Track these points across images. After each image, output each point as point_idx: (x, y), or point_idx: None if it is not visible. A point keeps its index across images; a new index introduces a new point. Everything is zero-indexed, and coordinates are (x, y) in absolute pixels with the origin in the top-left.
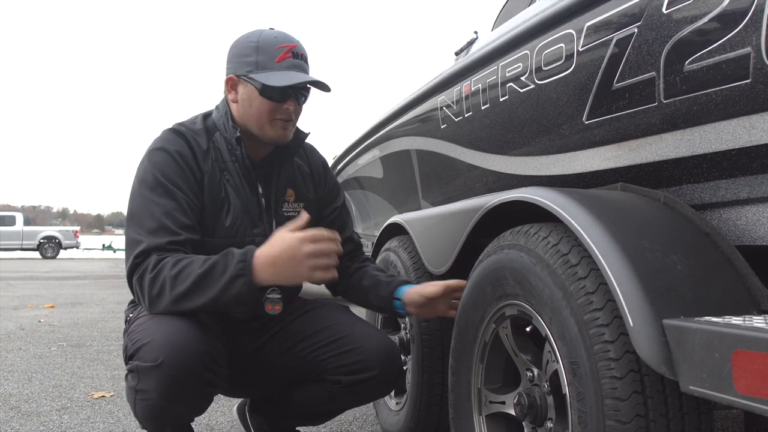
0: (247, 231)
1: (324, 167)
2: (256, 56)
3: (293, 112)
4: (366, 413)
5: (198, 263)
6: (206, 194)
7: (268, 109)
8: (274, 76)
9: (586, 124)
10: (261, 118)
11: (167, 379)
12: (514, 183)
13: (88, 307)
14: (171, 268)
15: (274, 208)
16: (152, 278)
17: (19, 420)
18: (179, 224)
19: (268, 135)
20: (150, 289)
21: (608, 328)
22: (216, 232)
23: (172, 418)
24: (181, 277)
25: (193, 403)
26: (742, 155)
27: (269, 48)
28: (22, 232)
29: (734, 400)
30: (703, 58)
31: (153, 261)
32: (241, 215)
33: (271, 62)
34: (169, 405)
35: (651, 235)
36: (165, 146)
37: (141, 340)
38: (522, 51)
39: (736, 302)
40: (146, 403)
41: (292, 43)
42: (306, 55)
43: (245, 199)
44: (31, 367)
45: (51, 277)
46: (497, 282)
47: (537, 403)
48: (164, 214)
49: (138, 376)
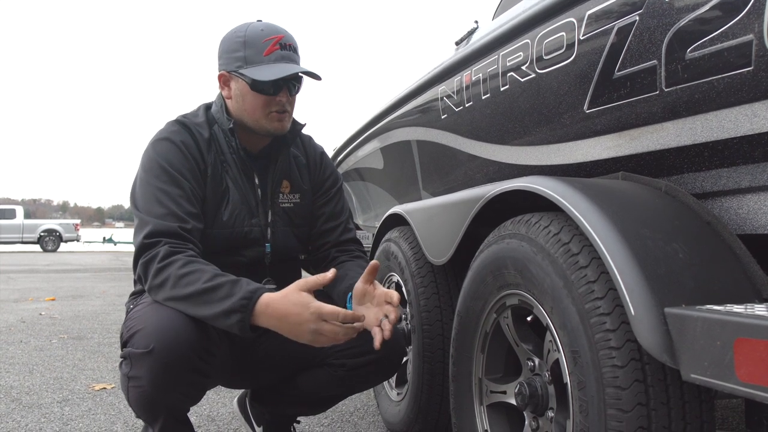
0: (245, 222)
1: (321, 156)
2: (244, 51)
3: (287, 103)
4: (367, 404)
5: (206, 276)
6: (209, 186)
7: (262, 103)
8: (263, 70)
9: (588, 113)
10: (255, 112)
11: (158, 365)
12: (514, 173)
13: (89, 299)
14: (180, 267)
15: (270, 199)
16: (159, 269)
17: (20, 412)
18: (186, 211)
19: (264, 128)
20: (153, 278)
21: (609, 317)
22: (215, 223)
23: (164, 406)
24: (185, 282)
25: (184, 391)
26: (743, 143)
27: (256, 42)
28: (23, 225)
29: (736, 388)
30: (704, 46)
31: (164, 251)
32: (239, 206)
33: (259, 56)
34: (160, 393)
35: (652, 223)
36: (170, 136)
37: (135, 327)
38: (523, 40)
39: (738, 291)
40: (138, 391)
41: (279, 34)
42: (295, 44)
43: (243, 191)
44: (32, 359)
45: (51, 270)
46: (498, 272)
47: (538, 393)
48: (171, 201)
49: (131, 363)
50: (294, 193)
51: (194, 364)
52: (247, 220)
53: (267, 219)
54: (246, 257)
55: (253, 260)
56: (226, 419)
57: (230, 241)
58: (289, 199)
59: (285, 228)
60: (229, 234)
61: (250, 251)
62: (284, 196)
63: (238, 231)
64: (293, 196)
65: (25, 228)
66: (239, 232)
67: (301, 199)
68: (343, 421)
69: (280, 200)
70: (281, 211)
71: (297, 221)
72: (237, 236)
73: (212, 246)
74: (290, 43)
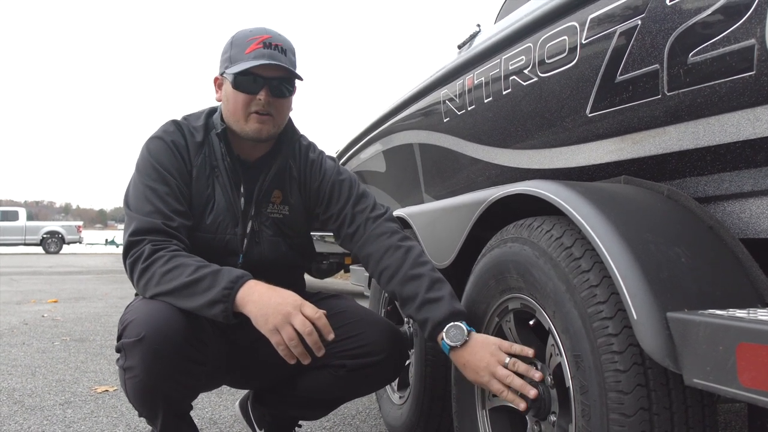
0: (228, 229)
1: (311, 165)
2: (230, 51)
3: (267, 104)
4: (369, 407)
5: (189, 269)
6: (193, 188)
7: (242, 102)
8: (240, 66)
9: (590, 116)
10: (237, 113)
11: (150, 352)
12: (517, 176)
13: (91, 301)
14: (163, 264)
15: (255, 209)
16: (143, 269)
17: (22, 414)
18: (172, 209)
19: (245, 131)
20: (139, 278)
21: (612, 321)
22: (200, 226)
23: (161, 396)
24: (169, 277)
25: (179, 380)
26: (746, 148)
27: (241, 41)
28: (26, 227)
29: (738, 393)
30: (706, 51)
31: (147, 250)
32: (223, 213)
33: (241, 54)
34: (155, 380)
35: (655, 228)
36: (162, 136)
37: (127, 319)
38: (525, 44)
39: (741, 295)
40: (134, 381)
41: (266, 34)
42: (284, 45)
43: (230, 198)
44: (34, 361)
45: (54, 272)
46: (500, 275)
47: (540, 397)
48: (158, 198)
49: (125, 354)
50: (284, 205)
51: (185, 351)
52: (231, 228)
53: (245, 230)
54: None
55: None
56: (228, 422)
57: (212, 246)
58: (279, 210)
59: (275, 238)
60: (211, 239)
61: (227, 260)
62: (274, 207)
63: (221, 238)
64: (283, 207)
65: (27, 230)
66: (221, 239)
67: (290, 212)
68: (345, 424)
69: (269, 210)
70: (269, 220)
71: (288, 232)
72: (219, 243)
73: (196, 248)
74: (277, 43)
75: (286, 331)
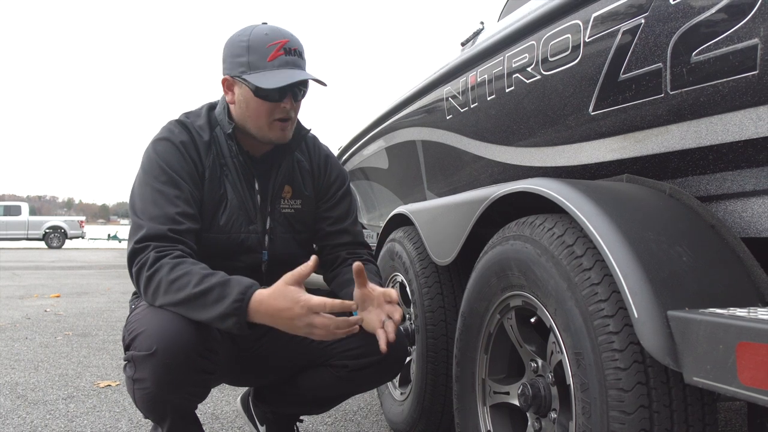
0: (242, 228)
1: (326, 160)
2: (248, 56)
3: (291, 110)
4: (370, 403)
5: (195, 277)
6: (206, 189)
7: (266, 109)
8: (267, 76)
9: (593, 115)
10: (259, 119)
11: (162, 367)
12: (519, 174)
13: (94, 296)
14: (168, 272)
15: (270, 205)
16: (149, 276)
17: (25, 408)
18: (181, 212)
19: (267, 137)
20: (146, 287)
21: (613, 319)
22: (212, 227)
23: (171, 406)
24: (175, 287)
25: (190, 391)
26: (748, 147)
27: (260, 46)
28: (28, 221)
29: (738, 391)
30: (710, 50)
31: (152, 258)
32: (237, 212)
33: (262, 61)
34: (166, 393)
35: (656, 226)
36: (169, 137)
37: (136, 329)
38: (528, 42)
39: (741, 294)
40: (144, 392)
41: (284, 38)
42: (300, 48)
43: (242, 196)
44: (37, 356)
45: (56, 266)
46: (502, 273)
47: (541, 394)
48: (167, 202)
49: (134, 366)
50: (295, 199)
51: (197, 363)
52: (245, 227)
53: (265, 226)
54: (243, 263)
55: (250, 266)
56: (230, 417)
57: (227, 246)
58: (290, 205)
59: (285, 234)
60: (226, 239)
61: (247, 258)
62: (285, 202)
63: (235, 237)
64: (294, 201)
65: (30, 225)
66: (236, 238)
67: (303, 205)
68: (347, 420)
69: (281, 206)
70: (282, 216)
71: (298, 227)
72: (233, 242)
73: (209, 250)
74: (295, 47)
75: (316, 334)
